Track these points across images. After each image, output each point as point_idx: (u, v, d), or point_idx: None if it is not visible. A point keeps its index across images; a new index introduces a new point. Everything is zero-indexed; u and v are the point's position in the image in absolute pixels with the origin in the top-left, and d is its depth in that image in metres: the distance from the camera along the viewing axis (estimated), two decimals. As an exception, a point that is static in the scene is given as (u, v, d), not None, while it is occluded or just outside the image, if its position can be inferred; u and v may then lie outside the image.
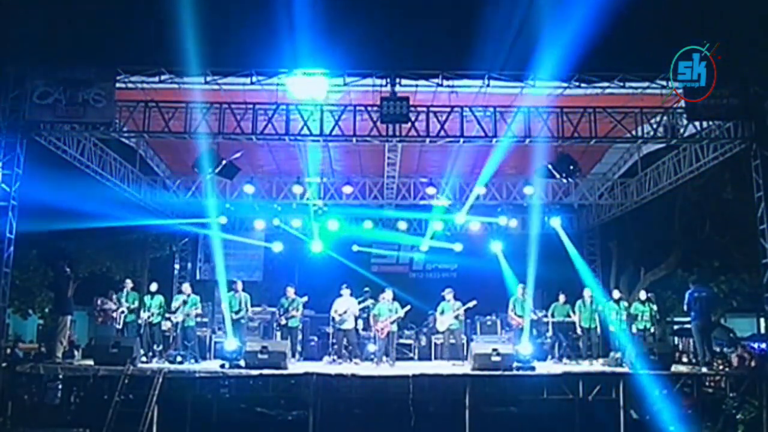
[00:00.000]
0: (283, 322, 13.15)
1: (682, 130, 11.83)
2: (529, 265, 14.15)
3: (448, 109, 11.45)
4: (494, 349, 11.09)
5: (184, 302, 12.71)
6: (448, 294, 13.23)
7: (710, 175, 14.43)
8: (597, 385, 10.95)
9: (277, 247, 18.44)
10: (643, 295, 13.56)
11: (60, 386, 11.69)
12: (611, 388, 10.89)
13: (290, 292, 13.41)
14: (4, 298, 10.62)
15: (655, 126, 12.01)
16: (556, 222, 17.13)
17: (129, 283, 13.09)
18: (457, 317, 12.94)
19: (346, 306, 12.92)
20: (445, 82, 11.13)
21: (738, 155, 11.63)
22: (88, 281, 18.11)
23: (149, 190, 15.62)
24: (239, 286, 13.27)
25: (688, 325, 15.00)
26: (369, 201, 16.22)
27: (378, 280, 15.82)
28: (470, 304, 13.13)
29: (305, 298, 13.50)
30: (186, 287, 13.23)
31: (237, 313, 12.90)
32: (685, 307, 12.20)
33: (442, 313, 13.06)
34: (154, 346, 12.70)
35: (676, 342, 20.17)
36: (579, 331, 13.50)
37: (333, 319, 13.02)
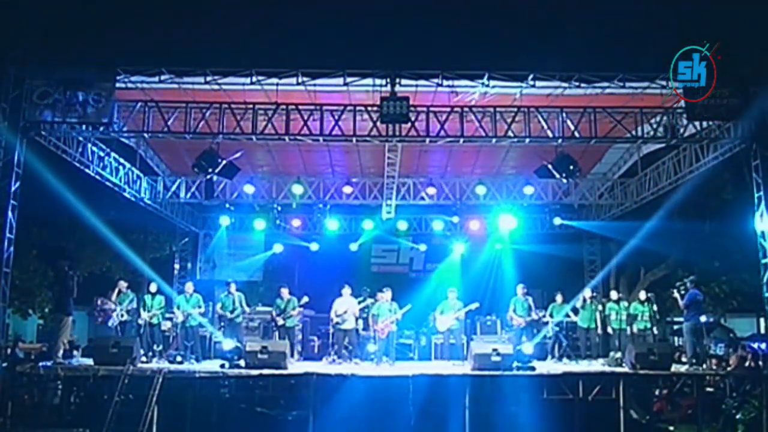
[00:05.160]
0: (281, 322, 13.12)
1: (682, 130, 11.83)
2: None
3: (448, 109, 11.46)
4: (494, 349, 11.08)
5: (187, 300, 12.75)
6: (452, 293, 13.19)
7: (710, 176, 14.42)
8: (597, 385, 10.95)
9: (278, 248, 18.45)
10: (642, 295, 13.55)
11: (60, 386, 11.70)
12: (611, 388, 10.89)
13: (284, 292, 13.37)
14: (4, 298, 10.62)
15: (655, 126, 12.01)
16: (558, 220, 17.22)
17: (122, 284, 13.05)
18: (457, 318, 12.92)
19: (346, 306, 12.90)
20: (445, 82, 11.14)
21: (738, 155, 11.63)
22: (88, 281, 18.09)
23: (149, 190, 15.65)
24: (233, 287, 13.26)
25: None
26: (369, 201, 16.25)
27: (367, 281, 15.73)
28: (472, 306, 13.09)
29: (305, 299, 13.47)
30: (189, 286, 13.23)
31: (232, 312, 12.90)
32: (685, 309, 12.17)
33: (443, 312, 13.03)
34: (154, 346, 12.70)
35: (676, 342, 20.17)
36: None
37: (331, 319, 13.02)
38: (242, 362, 11.06)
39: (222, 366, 11.13)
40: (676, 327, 20.94)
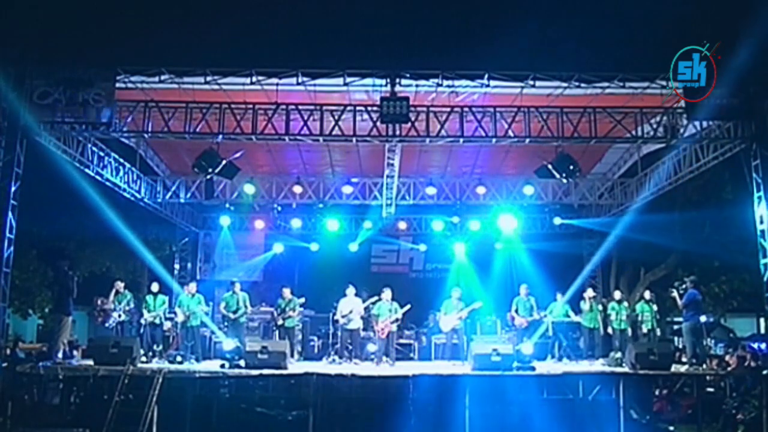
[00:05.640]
0: (280, 322, 13.14)
1: (682, 130, 11.83)
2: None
3: (448, 109, 11.45)
4: (494, 349, 11.08)
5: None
6: (455, 293, 13.16)
7: (710, 175, 14.44)
8: (597, 385, 10.95)
9: (278, 248, 18.43)
10: (648, 294, 13.56)
11: (60, 386, 11.69)
12: (611, 388, 10.89)
13: (286, 293, 13.38)
14: (4, 298, 10.62)
15: (655, 126, 12.02)
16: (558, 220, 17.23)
17: (119, 284, 13.05)
18: (460, 318, 12.90)
19: (351, 306, 12.87)
20: (445, 82, 11.14)
21: (738, 155, 11.63)
22: (88, 281, 18.10)
23: (149, 190, 15.65)
24: (237, 286, 13.26)
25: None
26: (369, 201, 16.25)
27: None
28: (475, 305, 13.08)
29: (302, 299, 13.49)
30: (191, 286, 13.22)
31: (235, 312, 12.90)
32: (684, 308, 12.16)
33: (446, 312, 13.00)
34: (154, 346, 12.70)
35: (676, 342, 20.19)
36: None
37: (336, 321, 13.01)
38: (242, 362, 11.06)
39: (222, 366, 11.13)
40: (676, 327, 20.98)
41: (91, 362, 11.06)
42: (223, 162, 12.02)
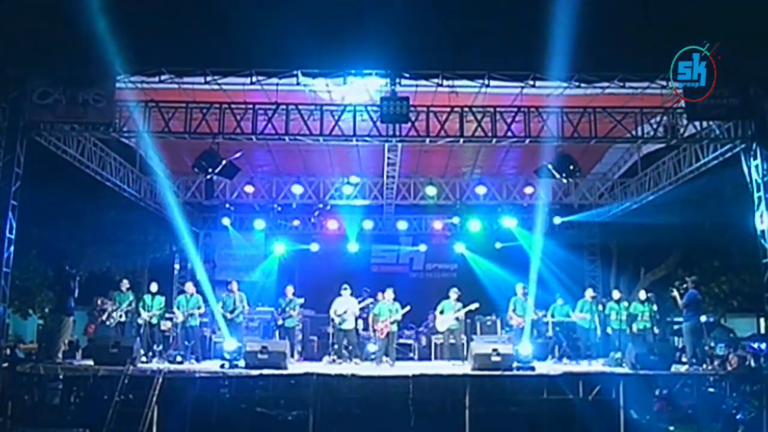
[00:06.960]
0: (281, 322, 13.16)
1: (682, 130, 11.83)
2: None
3: (448, 109, 11.45)
4: (494, 349, 11.08)
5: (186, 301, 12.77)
6: (453, 293, 13.17)
7: (710, 175, 14.43)
8: (597, 385, 10.95)
9: (279, 249, 18.41)
10: (643, 294, 13.56)
11: (60, 386, 11.70)
12: (611, 388, 10.89)
13: (289, 292, 13.41)
14: (4, 298, 10.62)
15: (655, 126, 12.02)
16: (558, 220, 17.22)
17: (125, 283, 13.05)
18: (457, 318, 12.92)
19: (345, 306, 12.90)
20: (445, 82, 11.14)
21: (738, 155, 11.62)
22: (89, 281, 18.08)
23: (149, 190, 15.64)
24: (234, 285, 13.26)
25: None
26: (369, 201, 16.25)
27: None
28: (472, 307, 13.09)
29: (302, 300, 13.50)
30: (189, 286, 13.23)
31: (232, 312, 12.89)
32: (684, 308, 12.16)
33: (442, 312, 13.03)
34: (154, 346, 12.71)
35: (676, 342, 20.17)
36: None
37: (332, 319, 13.02)
38: (242, 362, 11.06)
39: (222, 366, 11.13)
40: (676, 327, 20.96)
41: (91, 362, 11.07)
42: (223, 162, 12.03)
